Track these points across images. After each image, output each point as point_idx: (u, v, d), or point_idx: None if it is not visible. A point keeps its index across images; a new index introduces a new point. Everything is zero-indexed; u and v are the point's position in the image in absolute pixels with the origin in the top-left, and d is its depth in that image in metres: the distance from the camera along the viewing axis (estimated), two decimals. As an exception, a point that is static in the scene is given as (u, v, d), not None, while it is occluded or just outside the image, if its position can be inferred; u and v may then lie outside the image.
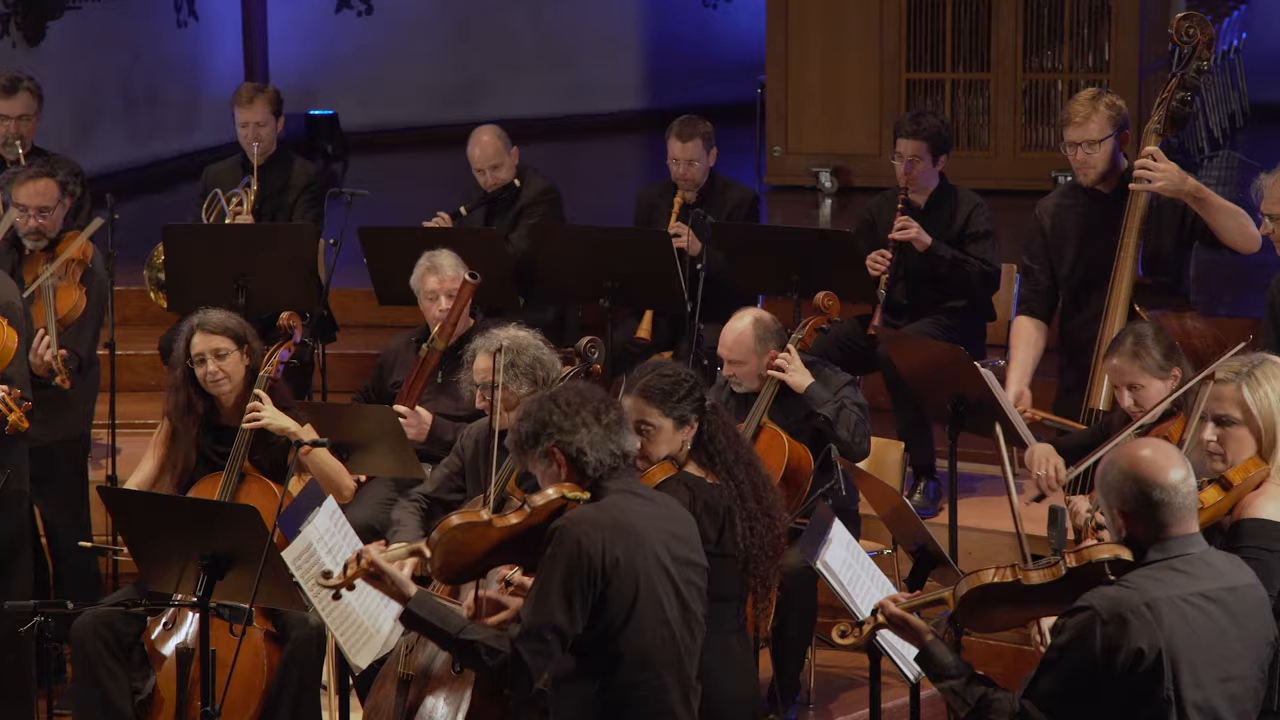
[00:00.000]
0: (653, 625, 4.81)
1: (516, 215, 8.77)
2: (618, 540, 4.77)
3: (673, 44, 15.21)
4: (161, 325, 8.66)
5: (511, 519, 4.85)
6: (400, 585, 4.81)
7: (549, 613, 4.72)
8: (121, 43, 12.74)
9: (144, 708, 6.32)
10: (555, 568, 4.74)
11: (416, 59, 14.37)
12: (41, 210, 7.26)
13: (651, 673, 4.82)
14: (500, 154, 8.78)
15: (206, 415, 6.65)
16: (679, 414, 5.56)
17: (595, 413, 4.89)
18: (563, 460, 4.88)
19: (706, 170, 8.64)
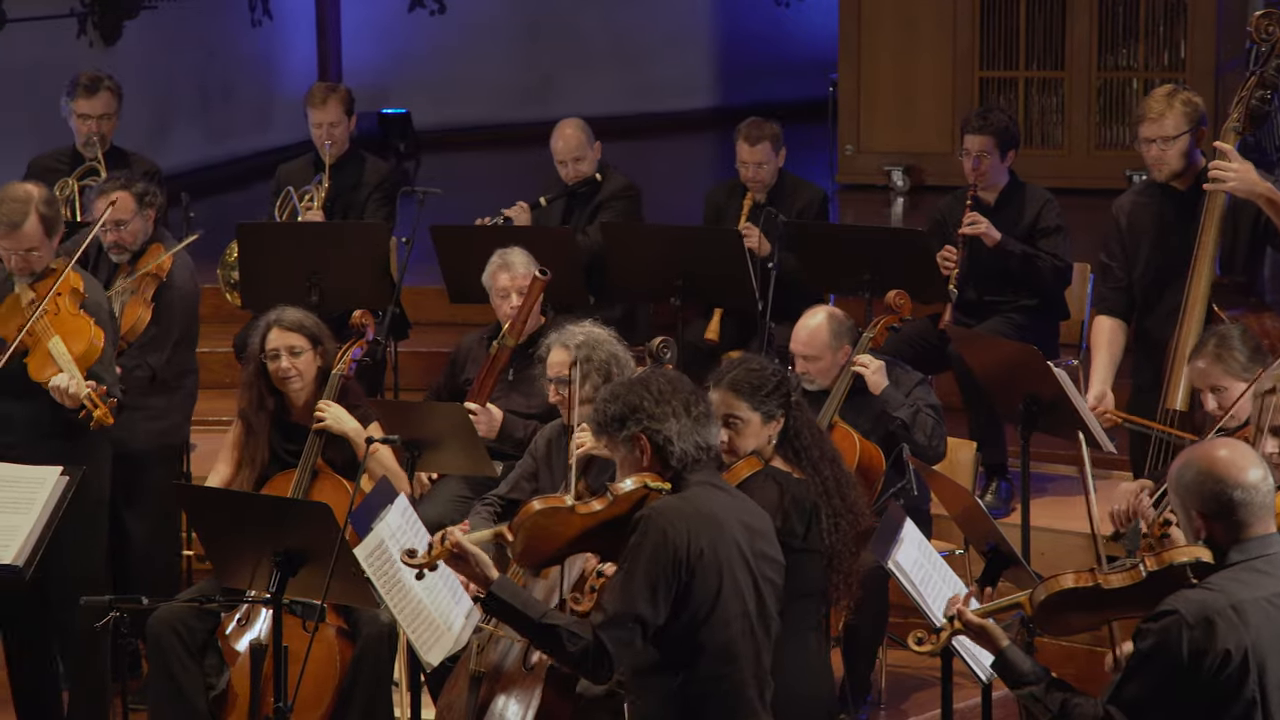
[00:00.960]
0: (735, 618, 4.80)
1: (595, 210, 8.79)
2: (703, 531, 4.76)
3: (744, 42, 15.18)
4: (236, 323, 8.71)
5: (595, 506, 4.83)
6: (484, 567, 4.80)
7: (632, 602, 4.71)
8: (197, 42, 12.82)
9: (218, 703, 6.36)
10: (640, 557, 4.72)
11: (489, 58, 14.40)
12: (117, 223, 7.30)
13: (733, 666, 4.81)
14: (583, 146, 8.81)
15: (277, 413, 6.69)
16: (767, 408, 5.55)
17: (686, 403, 4.87)
18: (648, 447, 4.85)
19: (776, 172, 8.64)
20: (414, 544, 5.58)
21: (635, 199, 8.88)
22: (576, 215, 8.81)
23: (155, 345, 7.25)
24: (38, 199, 6.44)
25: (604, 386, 6.20)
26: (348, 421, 6.58)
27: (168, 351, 7.28)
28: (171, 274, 7.32)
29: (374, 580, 5.51)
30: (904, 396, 6.98)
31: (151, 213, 7.35)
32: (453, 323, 9.00)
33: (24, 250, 6.44)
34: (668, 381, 4.92)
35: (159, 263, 7.28)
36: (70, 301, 6.49)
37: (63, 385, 6.30)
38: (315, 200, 8.67)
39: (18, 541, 5.81)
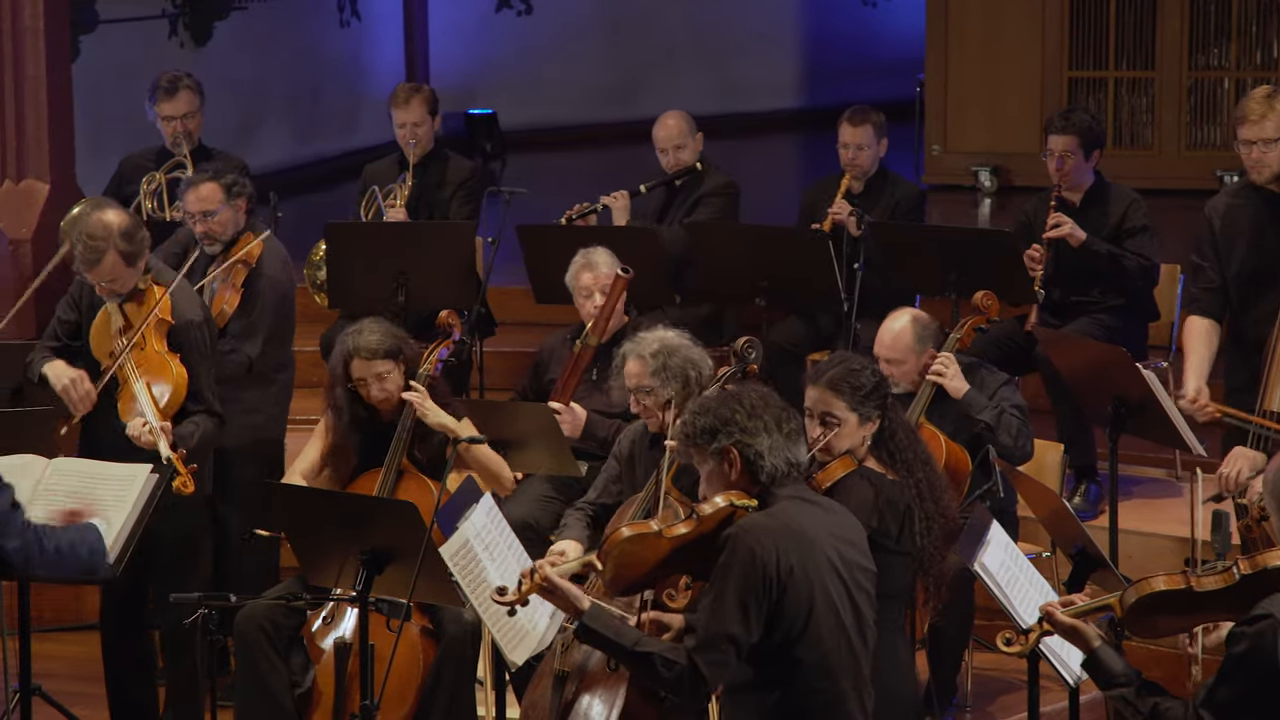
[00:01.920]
0: (830, 632, 4.77)
1: (694, 204, 8.80)
2: (792, 548, 4.74)
3: (831, 42, 15.14)
4: (323, 322, 8.76)
5: (680, 529, 4.83)
6: (575, 600, 4.81)
7: (725, 623, 4.69)
8: (286, 43, 12.90)
9: (303, 701, 6.39)
10: (730, 577, 4.71)
11: (575, 58, 14.42)
12: (205, 214, 7.35)
13: (830, 680, 4.78)
14: (684, 135, 8.84)
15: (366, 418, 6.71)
16: (864, 409, 5.53)
17: (778, 419, 4.84)
18: (738, 461, 4.83)
19: (875, 159, 8.62)
20: (498, 542, 5.60)
21: (734, 197, 8.88)
22: (675, 207, 8.82)
23: (248, 333, 7.30)
24: (116, 234, 6.42)
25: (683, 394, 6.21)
26: (442, 415, 6.60)
27: (261, 342, 7.32)
28: (261, 261, 7.36)
29: (459, 579, 5.53)
30: (988, 398, 6.94)
31: (241, 203, 7.40)
32: (538, 323, 9.02)
33: (105, 282, 6.51)
34: (760, 396, 4.90)
35: (248, 250, 7.33)
36: (157, 336, 6.51)
37: (135, 434, 6.35)
38: (398, 199, 8.71)
39: (108, 539, 5.86)
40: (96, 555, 5.19)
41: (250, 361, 7.28)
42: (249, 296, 7.32)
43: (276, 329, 7.41)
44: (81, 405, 6.52)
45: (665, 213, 8.88)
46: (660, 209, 8.89)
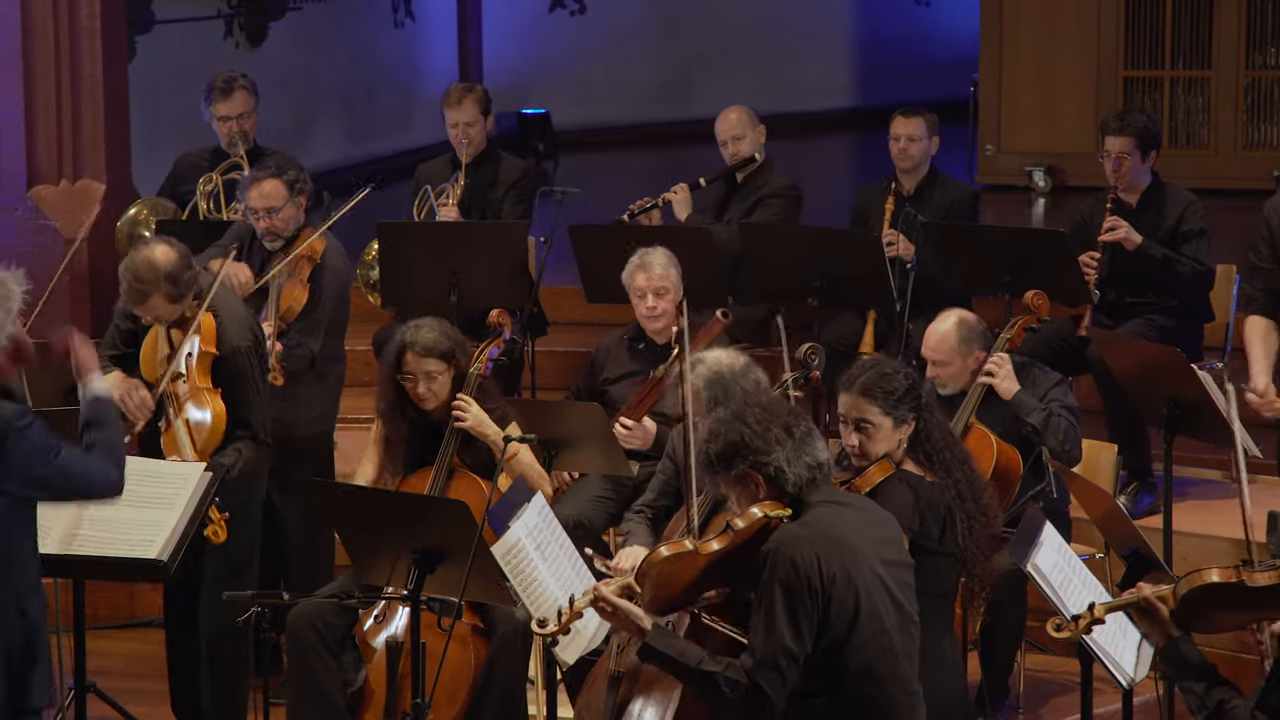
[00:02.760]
0: (875, 636, 4.77)
1: (755, 204, 8.78)
2: (832, 555, 4.73)
3: (884, 41, 15.10)
4: (375, 321, 8.78)
5: (714, 545, 4.83)
6: (637, 620, 4.83)
7: (779, 638, 4.70)
8: (340, 43, 12.95)
9: (355, 700, 6.41)
10: (775, 592, 4.71)
11: (628, 58, 14.43)
12: (269, 210, 7.39)
13: (877, 684, 4.78)
14: (744, 126, 8.84)
15: (417, 418, 6.72)
16: (899, 413, 5.51)
17: (786, 428, 4.83)
18: (760, 480, 4.83)
19: (926, 155, 8.59)
20: (550, 542, 5.60)
21: (797, 200, 8.86)
22: (735, 203, 8.81)
23: (312, 328, 7.33)
24: (162, 277, 6.45)
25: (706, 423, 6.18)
26: (488, 425, 6.59)
27: (323, 337, 7.35)
28: (325, 255, 7.41)
29: (510, 578, 5.53)
30: (1038, 399, 6.91)
31: (303, 200, 7.44)
32: (591, 322, 9.02)
33: (150, 316, 6.57)
34: (762, 409, 4.87)
35: (311, 244, 7.36)
36: (200, 371, 6.55)
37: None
38: (450, 198, 8.73)
39: (162, 536, 5.89)
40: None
41: (313, 356, 7.32)
42: (315, 291, 7.35)
43: (335, 322, 7.44)
44: (140, 413, 6.57)
45: (725, 207, 8.87)
46: (720, 203, 8.89)
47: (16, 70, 9.32)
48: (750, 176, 8.88)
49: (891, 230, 8.43)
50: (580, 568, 5.68)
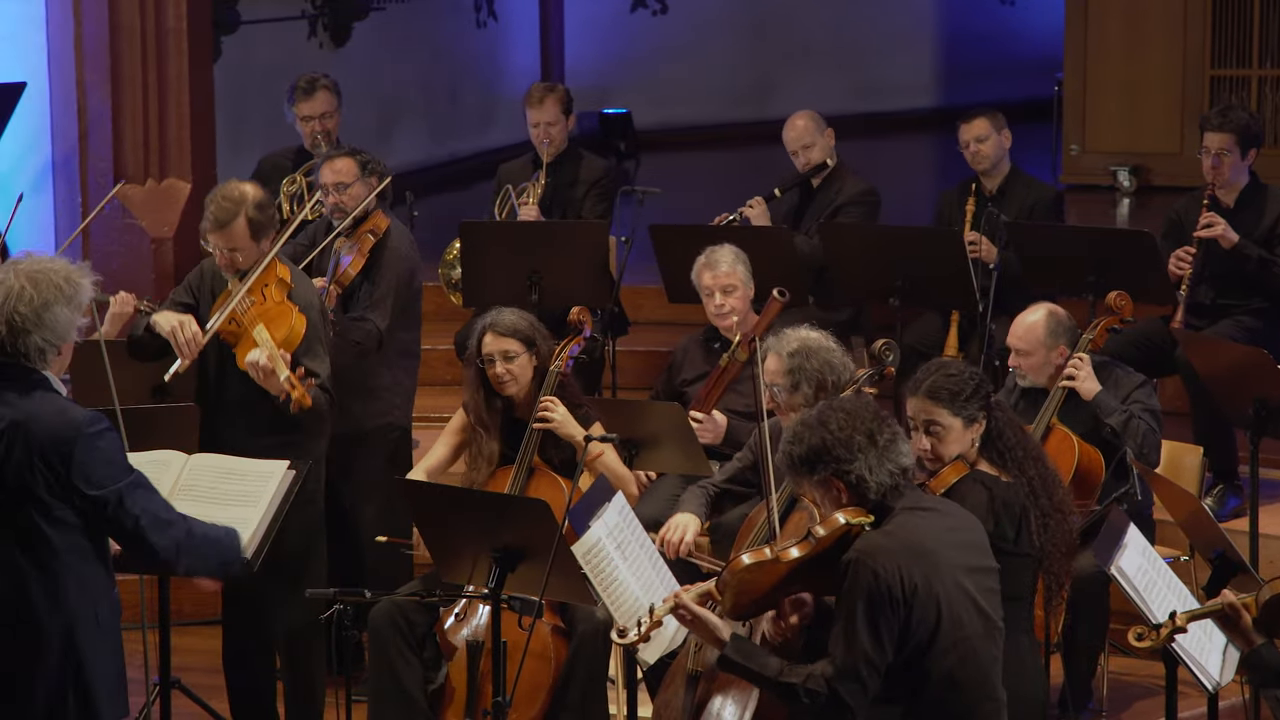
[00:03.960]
0: (956, 645, 4.76)
1: (834, 211, 8.76)
2: (914, 564, 4.72)
3: (968, 41, 15.03)
4: (457, 320, 8.81)
5: (795, 552, 4.82)
6: (716, 630, 4.84)
7: (859, 648, 4.70)
8: (423, 43, 13.00)
9: (436, 697, 6.43)
10: (856, 602, 4.70)
11: (709, 58, 14.41)
12: (339, 186, 7.44)
13: (959, 692, 4.76)
14: (812, 134, 8.81)
15: (506, 411, 6.74)
16: (968, 412, 5.49)
17: (870, 434, 4.82)
18: (843, 487, 4.83)
19: (1000, 150, 8.54)
20: (630, 541, 5.59)
21: (875, 205, 8.82)
22: (811, 211, 8.79)
23: (376, 305, 7.35)
24: (250, 202, 6.56)
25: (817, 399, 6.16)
26: (573, 425, 6.60)
27: (389, 315, 7.36)
28: (389, 234, 7.42)
29: (591, 578, 5.54)
30: (1122, 399, 6.86)
31: (374, 180, 7.46)
32: (672, 322, 9.03)
33: (228, 249, 6.58)
34: (846, 415, 4.85)
35: (375, 221, 7.39)
36: (277, 290, 6.62)
37: (256, 360, 6.42)
38: (531, 197, 8.74)
39: (246, 534, 5.90)
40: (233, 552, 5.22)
41: (380, 333, 7.32)
42: (375, 265, 7.36)
43: (403, 307, 7.45)
44: (189, 347, 6.56)
45: (801, 216, 8.85)
46: (797, 212, 8.87)
47: (105, 71, 9.42)
48: (825, 182, 8.85)
49: (974, 232, 8.39)
50: (661, 568, 5.68)
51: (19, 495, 4.75)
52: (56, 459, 4.72)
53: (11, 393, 4.78)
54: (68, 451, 4.73)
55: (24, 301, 4.79)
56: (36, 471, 4.72)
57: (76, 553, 4.81)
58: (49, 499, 4.74)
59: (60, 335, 4.83)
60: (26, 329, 4.78)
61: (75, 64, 9.43)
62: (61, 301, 4.82)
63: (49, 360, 4.84)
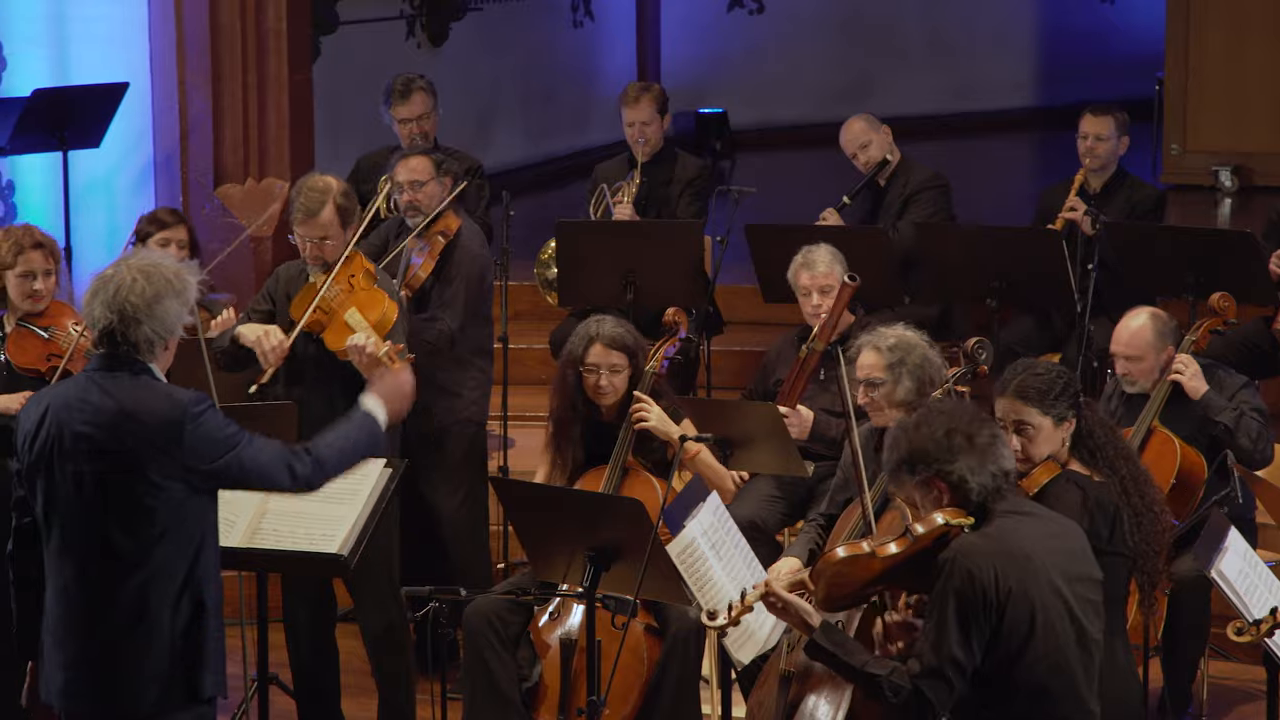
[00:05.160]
0: (1049, 654, 4.73)
1: (904, 203, 8.73)
2: (1010, 569, 4.69)
3: (1067, 39, 14.91)
4: (552, 320, 8.83)
5: (893, 549, 4.82)
6: (806, 616, 4.84)
7: (947, 648, 4.68)
8: (520, 43, 13.03)
9: (530, 696, 6.44)
10: (948, 601, 4.69)
11: (805, 57, 14.38)
12: (414, 184, 7.48)
13: (1050, 702, 4.74)
14: (866, 133, 8.79)
15: (589, 414, 6.75)
16: (1057, 411, 5.46)
17: (968, 436, 4.80)
18: (944, 488, 4.82)
19: (1114, 154, 8.50)
20: (725, 541, 5.59)
21: (944, 190, 8.79)
22: (884, 209, 8.76)
23: (448, 304, 7.38)
24: (336, 190, 6.64)
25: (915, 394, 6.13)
26: (668, 424, 6.60)
27: (461, 315, 7.39)
28: (460, 235, 7.46)
29: (685, 577, 5.53)
30: (1227, 400, 6.79)
31: (449, 180, 7.51)
32: (766, 322, 9.01)
33: (318, 238, 6.64)
34: (946, 416, 4.85)
35: (446, 222, 7.43)
36: (364, 279, 6.68)
37: (360, 343, 6.47)
38: (626, 197, 8.75)
39: (343, 531, 5.95)
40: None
41: (451, 333, 7.36)
42: (446, 267, 7.41)
43: (475, 307, 7.48)
44: (273, 356, 6.62)
45: (875, 216, 8.82)
46: (870, 214, 8.84)
47: (205, 72, 9.50)
48: (892, 178, 8.82)
49: (1076, 199, 8.33)
50: (755, 567, 5.67)
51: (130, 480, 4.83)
52: (167, 442, 4.81)
53: (121, 383, 4.88)
54: (177, 434, 4.81)
55: (135, 292, 4.87)
56: (149, 457, 4.81)
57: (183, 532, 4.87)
58: (160, 480, 4.82)
59: (169, 328, 4.92)
60: (138, 319, 4.87)
61: (176, 65, 9.52)
62: (171, 295, 4.90)
63: (156, 353, 4.93)
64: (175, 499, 4.83)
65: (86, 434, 4.83)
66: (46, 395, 5.00)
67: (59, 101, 8.96)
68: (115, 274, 4.91)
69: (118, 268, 4.93)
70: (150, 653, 4.85)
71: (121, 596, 4.84)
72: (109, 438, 4.82)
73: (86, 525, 4.85)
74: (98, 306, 4.88)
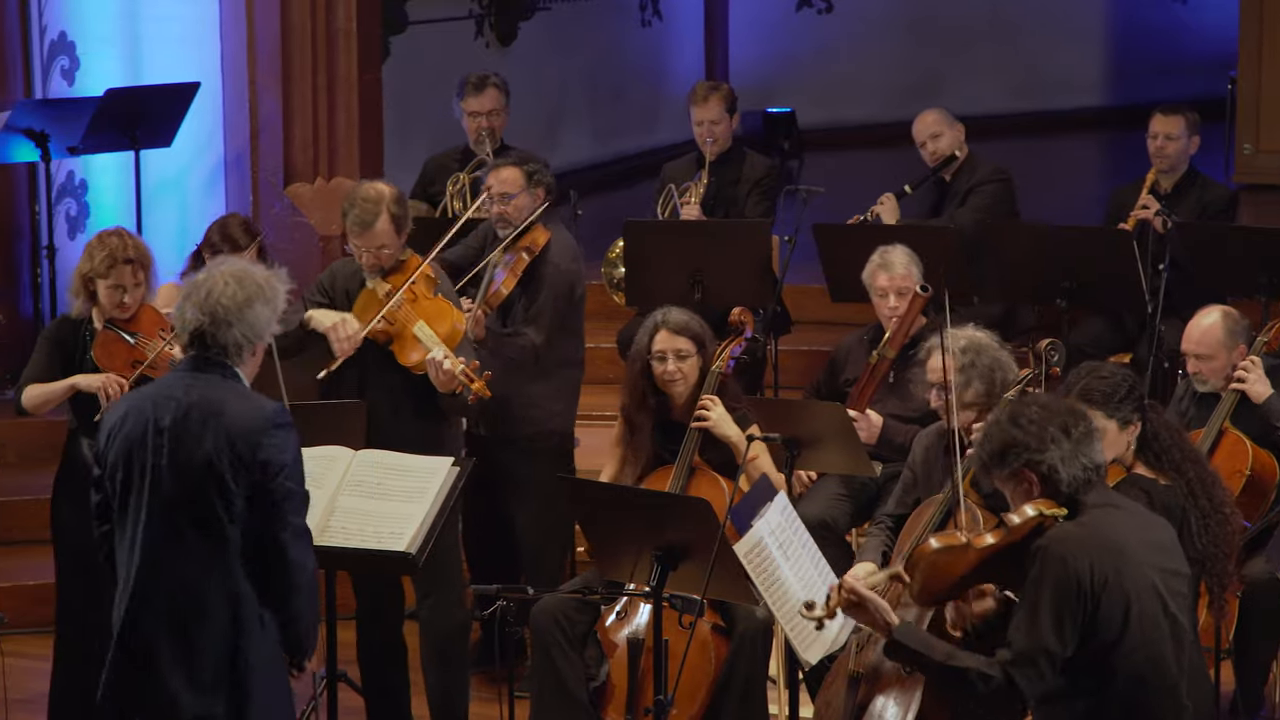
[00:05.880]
0: (1144, 644, 4.72)
1: (966, 194, 8.70)
2: (1105, 559, 4.68)
3: (1139, 38, 14.82)
4: (619, 319, 8.83)
5: (988, 539, 4.81)
6: (884, 614, 4.84)
7: (1040, 636, 4.68)
8: (588, 42, 13.05)
9: (597, 695, 6.45)
10: (1043, 590, 4.68)
11: (874, 56, 14.34)
12: (504, 196, 7.48)
13: (1144, 693, 4.72)
14: (941, 124, 8.77)
15: (659, 411, 6.75)
16: (1122, 414, 5.44)
17: (1063, 427, 4.80)
18: (1034, 479, 4.81)
19: (1184, 154, 8.45)
20: (793, 541, 5.59)
21: (1007, 183, 8.76)
22: (947, 202, 8.74)
23: (531, 319, 7.39)
24: (388, 199, 6.62)
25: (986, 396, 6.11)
26: (729, 425, 6.60)
27: (547, 330, 7.39)
28: (547, 250, 7.44)
29: (753, 577, 5.53)
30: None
31: (540, 192, 7.49)
32: (834, 322, 8.99)
33: (375, 248, 6.64)
34: (1040, 408, 4.85)
35: (534, 238, 7.43)
36: (426, 288, 6.68)
37: (439, 359, 6.48)
38: (694, 196, 8.75)
39: (411, 529, 5.97)
40: None
41: (535, 347, 7.36)
42: (531, 284, 7.40)
43: (561, 320, 7.47)
44: (348, 345, 6.64)
45: (938, 210, 8.79)
46: (933, 206, 8.81)
47: (276, 72, 9.56)
48: (958, 174, 8.79)
49: (1148, 197, 8.29)
50: (824, 568, 5.66)
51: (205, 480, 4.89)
52: (245, 446, 4.87)
53: (209, 383, 4.95)
54: (256, 440, 4.88)
55: (227, 295, 4.96)
56: (225, 457, 4.87)
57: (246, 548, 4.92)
58: (233, 486, 4.88)
59: (258, 333, 5.00)
60: (229, 321, 4.95)
61: (247, 65, 9.58)
62: (262, 301, 4.99)
63: (244, 358, 5.01)
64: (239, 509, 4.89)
65: (167, 427, 4.91)
66: (134, 393, 5.12)
67: (131, 101, 9.03)
68: (207, 278, 5.00)
69: (208, 273, 5.02)
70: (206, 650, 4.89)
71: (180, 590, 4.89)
72: (189, 434, 4.88)
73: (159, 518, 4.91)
74: (189, 309, 4.97)
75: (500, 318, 7.43)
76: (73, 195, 9.52)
